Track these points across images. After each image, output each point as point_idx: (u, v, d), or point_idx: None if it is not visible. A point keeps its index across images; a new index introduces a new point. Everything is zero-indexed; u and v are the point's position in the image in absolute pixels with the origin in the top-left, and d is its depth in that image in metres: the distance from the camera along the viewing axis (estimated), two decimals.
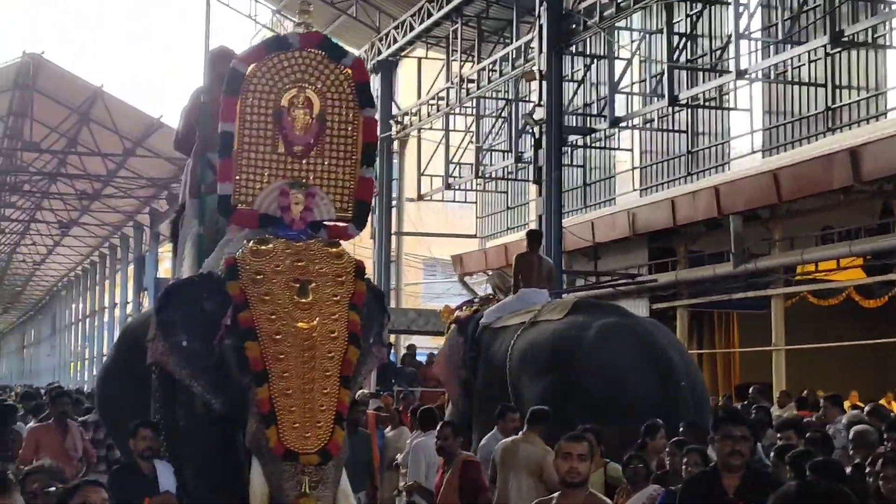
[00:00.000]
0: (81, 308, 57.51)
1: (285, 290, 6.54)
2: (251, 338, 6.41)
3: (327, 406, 6.29)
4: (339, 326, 6.51)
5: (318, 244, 6.79)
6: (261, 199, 7.03)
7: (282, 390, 6.26)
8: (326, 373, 6.36)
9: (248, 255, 6.67)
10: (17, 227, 45.30)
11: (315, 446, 6.18)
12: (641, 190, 23.24)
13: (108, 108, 31.34)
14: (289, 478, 6.16)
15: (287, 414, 6.22)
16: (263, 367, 6.33)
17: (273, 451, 6.17)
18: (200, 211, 8.20)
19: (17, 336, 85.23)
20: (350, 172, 7.25)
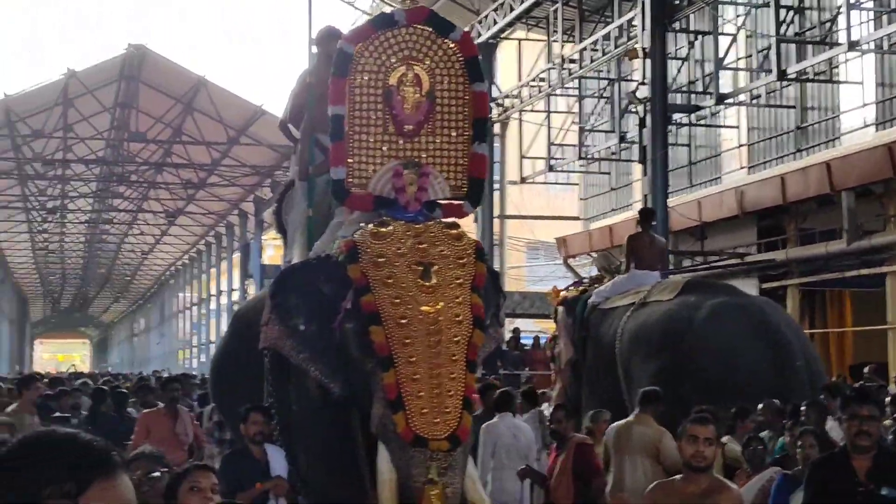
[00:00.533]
0: (189, 296, 58.33)
1: (408, 274, 6.43)
2: (376, 322, 6.31)
3: (455, 391, 6.18)
4: (463, 310, 6.40)
5: (437, 226, 6.68)
6: (374, 181, 6.93)
7: (409, 375, 6.16)
8: (453, 357, 6.25)
9: (368, 238, 6.57)
10: (125, 217, 46.06)
11: (444, 432, 6.07)
12: (749, 168, 22.77)
13: (212, 97, 31.63)
14: (418, 463, 6.06)
15: (415, 399, 6.12)
16: (389, 351, 6.23)
17: (401, 437, 6.07)
18: (309, 193, 8.15)
19: (127, 325, 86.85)
20: (462, 149, 7.14)
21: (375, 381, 6.28)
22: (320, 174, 8.10)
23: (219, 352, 9.46)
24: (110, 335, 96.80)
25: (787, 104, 21.68)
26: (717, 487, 5.82)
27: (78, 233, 50.48)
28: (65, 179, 38.07)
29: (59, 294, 74.40)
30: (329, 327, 6.61)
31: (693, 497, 5.78)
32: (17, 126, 32.94)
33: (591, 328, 12.47)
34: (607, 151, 26.34)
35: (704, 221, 21.71)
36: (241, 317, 8.91)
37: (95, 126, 34.46)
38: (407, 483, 6.08)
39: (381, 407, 6.23)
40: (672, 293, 11.67)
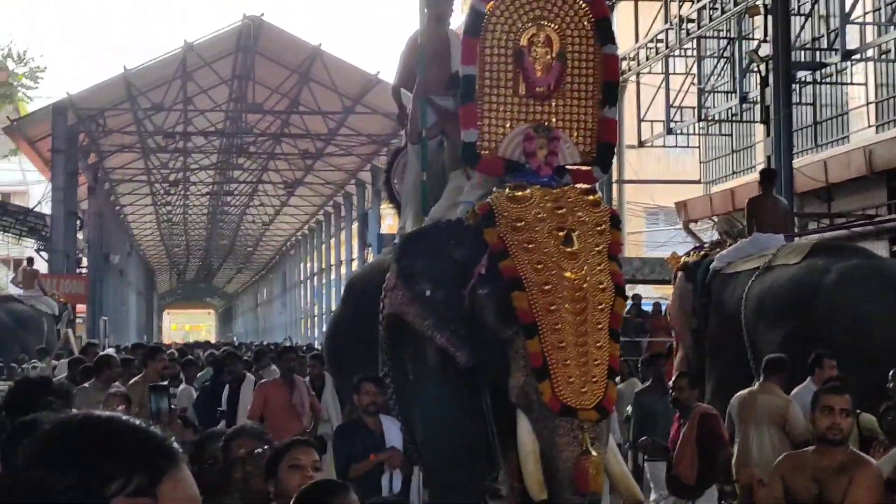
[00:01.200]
0: (309, 266, 58.87)
1: (549, 239, 6.27)
2: (518, 287, 6.16)
3: (601, 360, 6.03)
4: (605, 277, 6.25)
5: (573, 191, 6.51)
6: (505, 144, 6.79)
7: (555, 343, 6.00)
8: (598, 325, 6.10)
9: (504, 202, 6.41)
10: (245, 188, 46.56)
11: (592, 402, 5.92)
12: (877, 126, 21.95)
13: (327, 66, 31.66)
14: (564, 433, 5.90)
15: (561, 368, 5.96)
16: (534, 318, 6.06)
17: (547, 407, 5.92)
18: (423, 157, 7.99)
19: (251, 295, 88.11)
20: (592, 113, 6.96)
21: (515, 349, 6.12)
22: (433, 137, 7.95)
23: (332, 321, 9.37)
24: (234, 305, 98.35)
25: None
26: (853, 461, 5.48)
27: (200, 205, 51.21)
28: (186, 152, 38.58)
29: (184, 266, 75.75)
30: (458, 293, 6.48)
31: (826, 472, 5.46)
32: (138, 100, 33.42)
33: (713, 294, 12.10)
34: (728, 112, 25.63)
35: (831, 182, 21.02)
36: (353, 285, 8.80)
37: (214, 98, 34.78)
38: (552, 453, 5.93)
39: (522, 376, 6.07)
40: (799, 256, 11.25)
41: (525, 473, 6.04)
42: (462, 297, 6.46)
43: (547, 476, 5.94)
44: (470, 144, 6.83)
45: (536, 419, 6.00)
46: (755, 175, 24.84)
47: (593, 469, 5.79)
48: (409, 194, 8.30)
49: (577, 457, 5.82)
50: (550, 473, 5.93)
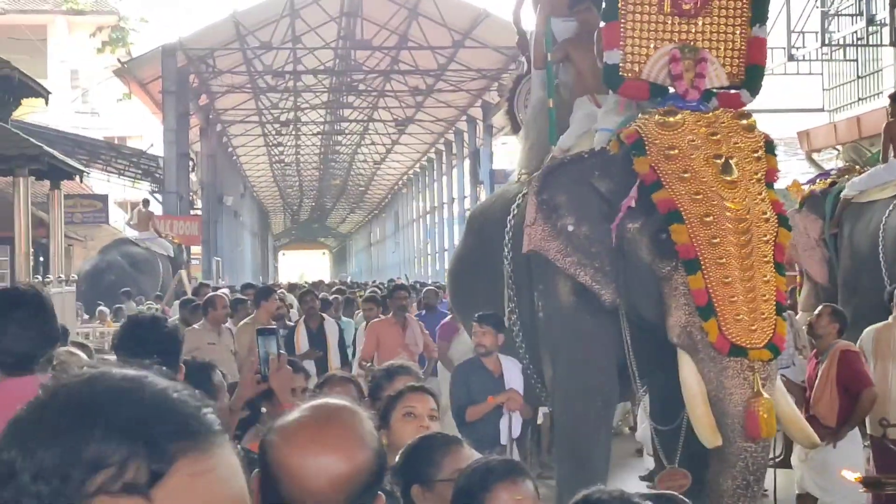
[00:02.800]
0: (421, 205, 58.73)
1: (706, 167, 5.84)
2: (677, 220, 5.74)
3: (769, 295, 5.63)
4: (767, 207, 5.81)
5: (726, 115, 6.05)
6: (649, 66, 6.34)
7: (720, 279, 5.59)
8: (765, 258, 5.69)
9: (653, 128, 5.98)
10: (356, 127, 46.41)
11: (762, 340, 5.53)
12: None
13: (436, 0, 31.15)
14: (733, 375, 5.53)
15: (728, 305, 5.56)
16: (695, 252, 5.64)
17: (715, 346, 5.52)
18: (549, 82, 7.59)
19: (364, 235, 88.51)
20: (741, 33, 6.44)
21: (674, 286, 5.73)
22: (559, 60, 7.57)
23: (454, 256, 8.99)
24: (348, 245, 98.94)
25: None
26: None
27: (312, 145, 51.23)
28: (296, 91, 38.44)
29: (297, 206, 76.22)
30: (604, 228, 6.10)
31: None
32: (246, 40, 33.30)
33: (845, 224, 11.47)
34: (853, 37, 24.55)
35: None
36: (475, 218, 8.42)
37: (322, 36, 34.52)
38: (720, 397, 5.54)
39: (684, 315, 5.68)
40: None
41: (694, 418, 5.67)
42: (608, 231, 6.08)
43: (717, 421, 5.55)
44: (613, 66, 6.39)
45: (703, 360, 5.62)
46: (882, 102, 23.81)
47: (765, 412, 5.41)
48: (533, 122, 7.86)
49: (747, 400, 5.41)
50: (719, 419, 5.55)
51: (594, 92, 7.20)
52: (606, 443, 6.78)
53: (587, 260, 6.18)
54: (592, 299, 6.29)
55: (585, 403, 6.55)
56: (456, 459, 3.05)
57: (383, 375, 4.44)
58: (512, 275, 7.03)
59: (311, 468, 1.98)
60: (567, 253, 6.22)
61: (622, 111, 6.60)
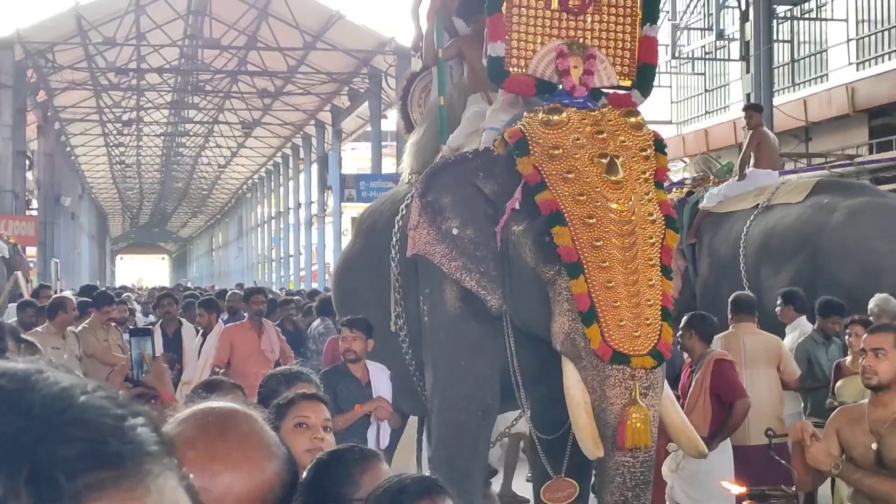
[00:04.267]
0: (267, 210, 57.96)
1: (591, 167, 5.59)
2: (559, 222, 5.47)
3: (654, 300, 5.36)
4: (654, 207, 5.58)
5: (612, 113, 5.81)
6: (536, 61, 6.08)
7: (603, 283, 5.33)
8: (650, 261, 5.43)
9: (537, 127, 5.71)
10: (201, 129, 45.45)
11: (646, 347, 5.28)
12: (858, 63, 21.34)
13: (287, 1, 30.63)
14: (616, 384, 5.27)
15: (611, 310, 5.30)
16: (578, 256, 5.38)
17: (597, 353, 5.26)
18: (440, 80, 7.32)
19: (206, 239, 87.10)
20: (631, 31, 6.24)
21: (558, 291, 5.47)
22: (450, 58, 7.32)
23: (340, 260, 8.62)
24: (189, 250, 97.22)
25: None
26: None
27: (154, 146, 50.03)
28: (139, 90, 37.39)
29: (137, 209, 74.54)
30: (489, 231, 5.83)
31: (884, 424, 4.78)
32: (89, 35, 32.22)
33: (704, 235, 11.47)
34: (702, 50, 24.97)
35: (810, 121, 20.44)
36: (364, 219, 8.11)
37: (168, 34, 33.64)
38: (602, 407, 5.28)
39: (567, 321, 5.41)
40: (802, 194, 10.67)
41: (576, 429, 5.43)
42: (494, 234, 5.81)
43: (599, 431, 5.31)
44: (497, 59, 6.12)
45: (586, 368, 5.37)
46: (729, 115, 24.29)
47: (639, 422, 5.16)
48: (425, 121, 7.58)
49: (623, 407, 5.19)
50: (601, 430, 5.31)
51: (487, 90, 6.96)
52: (484, 452, 6.55)
53: (472, 264, 5.92)
54: (478, 305, 6.03)
55: (465, 412, 6.29)
56: (376, 476, 2.72)
57: (280, 380, 4.07)
58: (399, 278, 6.74)
59: (213, 490, 1.63)
60: (452, 257, 5.96)
61: (507, 108, 6.35)
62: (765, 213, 10.70)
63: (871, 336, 4.98)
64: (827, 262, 9.68)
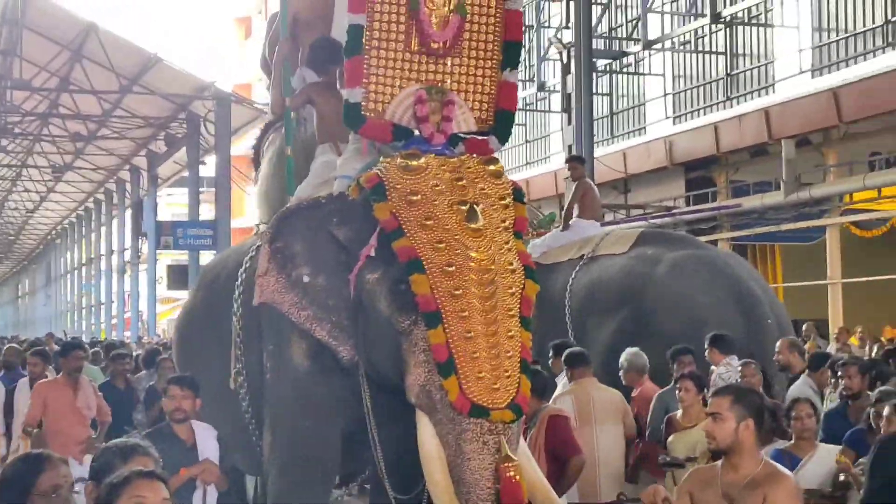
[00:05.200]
0: (77, 256, 56.28)
1: (451, 214, 5.41)
2: (417, 270, 5.25)
3: (513, 351, 5.20)
4: (514, 257, 5.42)
5: (472, 160, 5.66)
6: (393, 107, 5.88)
7: (462, 333, 5.14)
8: (510, 312, 5.28)
9: (395, 172, 5.52)
10: (8, 173, 43.87)
11: (505, 400, 5.10)
12: (674, 117, 21.89)
13: (102, 43, 29.81)
14: (472, 438, 5.05)
15: (470, 361, 5.10)
16: (436, 305, 5.16)
17: (455, 406, 5.04)
18: (287, 129, 7.09)
19: (12, 286, 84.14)
20: (491, 76, 6.12)
21: (414, 342, 5.25)
22: (298, 107, 7.11)
23: (183, 312, 8.21)
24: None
25: (717, 50, 20.76)
26: (767, 476, 4.72)
27: None
28: None
29: None
30: (342, 279, 5.59)
31: (737, 487, 4.71)
32: None
33: None
34: (523, 102, 25.26)
35: (630, 173, 20.83)
36: (208, 270, 7.76)
37: None
38: (458, 463, 5.06)
39: (423, 372, 5.20)
40: (626, 245, 10.74)
41: (431, 485, 5.22)
42: (346, 282, 5.58)
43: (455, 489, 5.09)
44: (354, 105, 5.91)
45: (441, 422, 5.17)
46: (550, 166, 24.60)
47: (517, 476, 4.99)
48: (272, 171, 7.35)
49: (497, 465, 5.00)
50: (456, 486, 5.09)
51: (337, 140, 6.75)
52: None
53: (324, 313, 5.68)
54: (327, 359, 5.80)
55: (304, 474, 6.04)
56: None
57: (115, 454, 3.73)
58: (241, 333, 6.44)
59: None
60: (302, 306, 5.71)
61: (365, 155, 6.16)
62: (590, 264, 10.72)
63: (711, 399, 4.94)
64: (651, 314, 9.72)
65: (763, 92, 19.57)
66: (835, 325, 16.79)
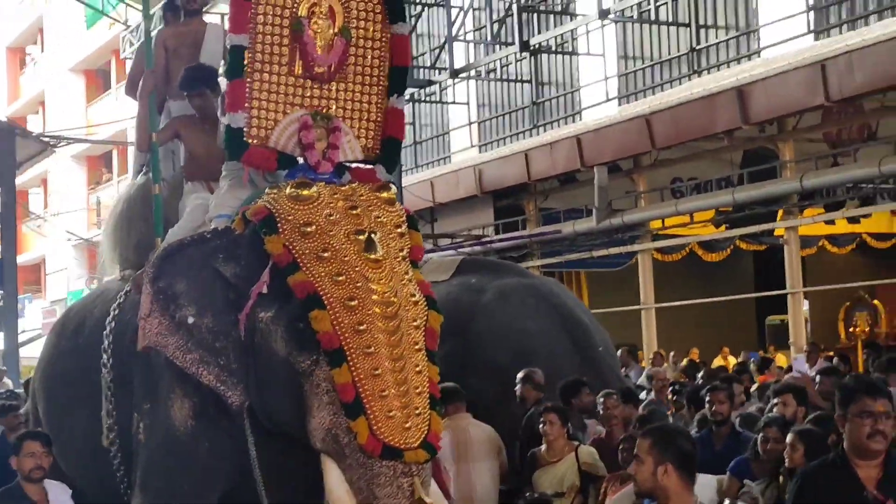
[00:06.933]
0: None
1: (348, 245, 5.08)
2: (317, 306, 4.87)
3: (422, 387, 4.90)
4: (414, 288, 5.11)
5: (363, 188, 5.35)
6: (277, 133, 5.52)
7: (368, 370, 4.82)
8: (416, 346, 5.01)
9: (285, 203, 5.16)
10: None
11: (417, 439, 4.78)
12: (480, 146, 21.91)
13: None
14: (386, 482, 4.71)
15: (379, 400, 4.79)
16: (340, 342, 4.77)
17: (365, 449, 4.68)
18: (153, 166, 6.59)
19: None
20: (378, 102, 5.83)
21: (316, 383, 4.88)
22: (166, 142, 6.65)
23: (42, 363, 7.41)
24: None
25: (522, 78, 20.89)
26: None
27: None
28: None
29: None
30: (230, 319, 5.15)
31: None
32: None
33: None
34: None
35: (438, 202, 20.69)
36: (70, 318, 7.10)
37: None
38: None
39: (328, 415, 4.83)
40: (447, 273, 10.52)
41: None
42: (235, 323, 5.13)
43: None
44: (237, 131, 5.50)
45: (351, 467, 4.82)
46: None
47: None
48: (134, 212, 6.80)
49: None
50: None
51: (209, 178, 6.29)
52: None
53: (211, 356, 5.24)
54: (210, 410, 5.32)
55: None
56: None
57: None
58: (111, 385, 5.88)
59: None
60: (188, 349, 5.26)
61: (246, 187, 5.74)
62: None
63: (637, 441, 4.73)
64: (479, 344, 9.46)
65: (570, 119, 19.76)
66: (649, 349, 16.99)
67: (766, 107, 14.21)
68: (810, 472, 4.91)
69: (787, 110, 14.27)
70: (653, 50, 18.12)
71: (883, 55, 12.61)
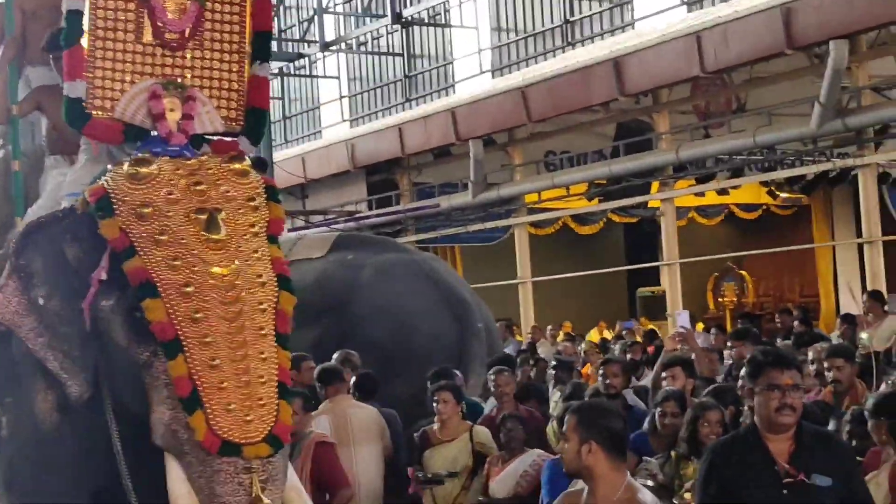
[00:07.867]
0: None
1: (187, 225, 4.57)
2: (150, 294, 4.43)
3: (267, 375, 4.45)
4: (264, 267, 4.66)
5: (213, 160, 4.84)
6: (124, 103, 5.02)
7: (205, 361, 4.37)
8: (261, 331, 4.52)
9: (122, 182, 4.63)
10: None
11: (260, 432, 4.35)
12: (352, 120, 21.57)
13: None
14: (226, 480, 4.30)
15: (216, 393, 4.35)
16: (175, 332, 4.39)
17: (203, 445, 4.29)
18: (14, 140, 6.10)
19: None
20: (238, 70, 5.33)
21: (155, 376, 4.44)
22: (26, 113, 6.15)
23: None
24: None
25: (394, 52, 20.59)
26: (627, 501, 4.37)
27: None
28: None
29: None
30: (76, 304, 4.71)
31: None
32: None
33: None
34: None
35: (310, 178, 20.31)
36: None
37: None
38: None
39: (167, 409, 4.39)
40: (323, 250, 10.32)
41: None
42: (80, 309, 4.72)
43: None
44: (76, 101, 5.03)
45: (191, 464, 4.42)
46: None
47: None
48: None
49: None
50: None
51: (72, 152, 5.85)
52: None
53: (56, 342, 4.81)
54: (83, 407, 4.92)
55: None
56: None
57: None
58: None
59: None
60: (39, 332, 4.82)
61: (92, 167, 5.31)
62: None
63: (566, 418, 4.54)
64: (358, 321, 9.33)
65: (444, 93, 19.54)
66: (527, 323, 16.91)
67: (641, 78, 14.20)
68: (720, 446, 4.78)
69: (662, 82, 14.26)
70: (526, 22, 17.98)
71: (757, 25, 12.66)
